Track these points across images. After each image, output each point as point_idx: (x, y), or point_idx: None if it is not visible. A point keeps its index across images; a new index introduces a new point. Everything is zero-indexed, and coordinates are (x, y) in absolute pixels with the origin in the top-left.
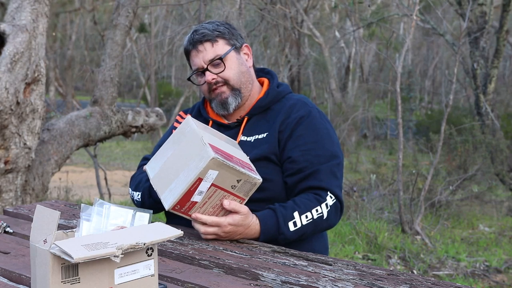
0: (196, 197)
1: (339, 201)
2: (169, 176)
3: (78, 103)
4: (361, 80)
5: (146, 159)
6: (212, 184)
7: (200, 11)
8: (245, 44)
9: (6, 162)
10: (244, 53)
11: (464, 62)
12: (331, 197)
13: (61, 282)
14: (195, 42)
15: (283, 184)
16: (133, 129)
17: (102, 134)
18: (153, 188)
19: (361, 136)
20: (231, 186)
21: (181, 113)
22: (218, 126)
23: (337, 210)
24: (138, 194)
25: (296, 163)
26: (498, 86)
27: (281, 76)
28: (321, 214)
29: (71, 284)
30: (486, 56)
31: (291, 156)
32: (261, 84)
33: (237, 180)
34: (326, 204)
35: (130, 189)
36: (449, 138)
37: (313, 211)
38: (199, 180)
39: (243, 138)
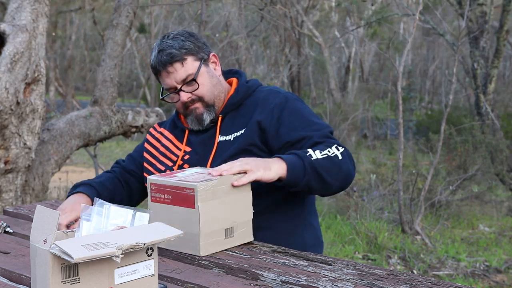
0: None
1: (350, 153)
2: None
3: (78, 103)
4: (361, 80)
5: (118, 163)
6: None
7: (202, 11)
8: (212, 53)
9: (6, 162)
10: (212, 62)
11: (464, 62)
12: (340, 146)
13: (61, 282)
14: (164, 63)
15: None
16: (133, 129)
17: (102, 134)
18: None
19: (361, 136)
20: None
21: (156, 125)
22: (196, 132)
23: (350, 158)
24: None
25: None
26: (498, 86)
27: (281, 76)
28: (335, 154)
29: (71, 284)
30: (486, 56)
31: (289, 140)
32: (230, 84)
33: None
34: (337, 147)
35: None
36: (449, 138)
37: (326, 150)
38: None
39: (222, 138)
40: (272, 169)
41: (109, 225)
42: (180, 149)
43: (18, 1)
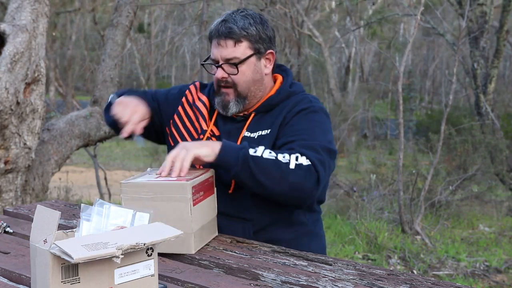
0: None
1: (315, 169)
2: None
3: (78, 103)
4: (361, 80)
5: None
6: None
7: (203, 11)
8: (270, 51)
9: (6, 162)
10: (266, 59)
11: (464, 62)
12: (306, 159)
13: (61, 282)
14: (219, 34)
15: None
16: None
17: (102, 134)
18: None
19: (361, 136)
20: None
21: (197, 83)
22: (224, 119)
23: (311, 175)
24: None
25: (281, 144)
26: (498, 86)
27: None
28: (287, 162)
29: (71, 284)
30: (486, 56)
31: (277, 144)
32: (275, 80)
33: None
34: (297, 158)
35: (115, 95)
36: (448, 138)
37: (279, 154)
38: None
39: (247, 134)
40: (204, 148)
41: (109, 225)
42: (207, 125)
43: (18, 1)
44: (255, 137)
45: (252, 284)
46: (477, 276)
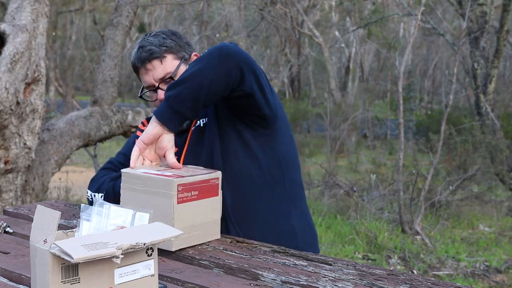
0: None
1: (223, 44)
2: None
3: (78, 103)
4: (361, 80)
5: (111, 163)
6: None
7: (203, 11)
8: (194, 53)
9: (6, 162)
10: None
11: (464, 62)
12: (219, 47)
13: (61, 282)
14: (143, 60)
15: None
16: (133, 129)
17: (102, 134)
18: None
19: (361, 136)
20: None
21: (144, 121)
22: (177, 133)
23: (225, 44)
24: (102, 195)
25: None
26: (498, 86)
27: (281, 76)
28: (203, 55)
29: (71, 284)
30: (486, 56)
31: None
32: None
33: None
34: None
35: (89, 191)
36: (449, 138)
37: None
38: None
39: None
40: (144, 136)
41: (109, 225)
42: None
43: (18, 1)
44: (201, 125)
45: (252, 284)
46: (477, 276)
